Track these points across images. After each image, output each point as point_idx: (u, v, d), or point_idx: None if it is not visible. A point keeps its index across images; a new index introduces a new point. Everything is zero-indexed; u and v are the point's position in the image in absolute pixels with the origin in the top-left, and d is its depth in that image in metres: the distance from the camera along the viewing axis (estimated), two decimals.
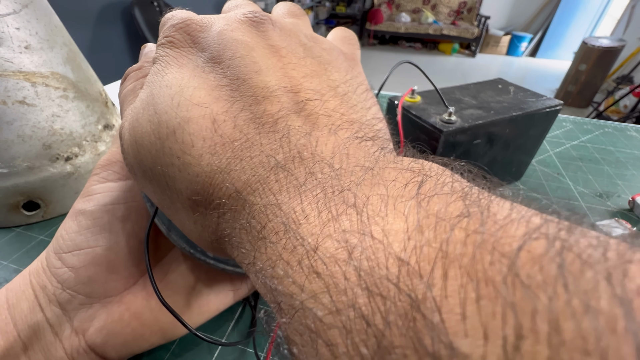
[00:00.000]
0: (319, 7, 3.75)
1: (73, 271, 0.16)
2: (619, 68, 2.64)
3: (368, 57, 3.58)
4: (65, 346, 0.16)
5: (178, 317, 0.15)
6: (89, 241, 0.16)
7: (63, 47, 0.29)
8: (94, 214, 0.17)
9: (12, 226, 0.30)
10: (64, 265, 0.16)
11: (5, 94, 0.25)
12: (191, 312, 0.19)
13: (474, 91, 0.33)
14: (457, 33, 3.48)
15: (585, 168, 0.41)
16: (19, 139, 0.26)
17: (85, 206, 0.17)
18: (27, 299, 0.16)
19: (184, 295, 0.19)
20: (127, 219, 0.17)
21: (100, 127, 0.32)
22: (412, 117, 0.29)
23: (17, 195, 0.28)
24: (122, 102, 0.15)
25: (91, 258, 0.16)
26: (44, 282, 0.16)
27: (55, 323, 0.16)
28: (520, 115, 0.29)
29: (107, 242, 0.16)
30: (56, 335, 0.16)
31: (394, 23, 3.66)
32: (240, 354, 0.21)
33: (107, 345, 0.16)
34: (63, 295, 0.16)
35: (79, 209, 0.17)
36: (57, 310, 0.16)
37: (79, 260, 0.16)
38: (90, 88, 0.31)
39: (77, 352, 0.16)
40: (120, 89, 0.15)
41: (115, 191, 0.17)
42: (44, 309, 0.16)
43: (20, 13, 0.26)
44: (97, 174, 0.18)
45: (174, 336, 0.18)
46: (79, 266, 0.16)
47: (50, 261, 0.16)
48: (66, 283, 0.16)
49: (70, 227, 0.16)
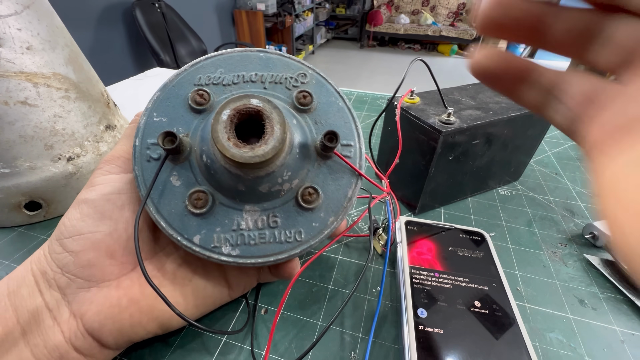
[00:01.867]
0: (319, 8, 3.76)
1: (73, 255, 0.17)
2: None
3: (368, 58, 3.59)
4: (64, 330, 0.16)
5: (162, 296, 0.16)
6: (90, 227, 0.17)
7: (65, 48, 0.29)
8: (95, 202, 0.18)
9: (14, 226, 0.30)
10: (65, 250, 0.17)
11: (7, 95, 0.25)
12: (187, 304, 0.19)
13: (472, 92, 0.34)
14: (456, 34, 3.49)
15: (584, 168, 0.41)
16: (20, 139, 0.27)
17: (87, 195, 0.18)
18: (28, 285, 0.17)
19: (180, 287, 0.19)
20: (126, 208, 0.18)
21: (102, 128, 0.32)
22: (411, 117, 0.29)
23: (19, 195, 0.28)
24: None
25: (91, 243, 0.17)
26: (44, 267, 0.17)
27: (54, 307, 0.16)
28: (518, 115, 0.30)
29: (106, 228, 0.17)
30: (55, 320, 0.16)
31: (394, 24, 3.67)
32: (238, 352, 0.21)
33: (103, 330, 0.17)
34: (62, 279, 0.17)
35: (82, 198, 0.18)
36: (57, 295, 0.17)
37: (79, 245, 0.17)
38: (91, 89, 0.31)
39: (75, 336, 0.16)
40: None
41: (116, 182, 0.18)
42: (43, 294, 0.16)
43: (21, 14, 0.26)
44: (100, 168, 0.19)
45: (170, 326, 0.19)
46: (79, 250, 0.17)
47: (51, 247, 0.17)
48: (66, 267, 0.17)
49: (72, 215, 0.17)
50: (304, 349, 0.21)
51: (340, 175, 0.20)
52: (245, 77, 0.20)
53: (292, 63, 0.21)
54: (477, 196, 0.35)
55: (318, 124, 0.20)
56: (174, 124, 0.19)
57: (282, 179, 0.18)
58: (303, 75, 0.21)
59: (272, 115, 0.16)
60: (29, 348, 0.16)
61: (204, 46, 2.10)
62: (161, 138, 0.16)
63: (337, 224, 0.19)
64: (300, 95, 0.20)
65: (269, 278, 0.23)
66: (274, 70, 0.20)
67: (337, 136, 0.17)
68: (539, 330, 0.22)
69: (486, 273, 0.23)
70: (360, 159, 0.20)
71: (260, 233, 0.18)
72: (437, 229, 0.27)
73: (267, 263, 0.19)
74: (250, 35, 2.77)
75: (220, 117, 0.16)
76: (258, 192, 0.18)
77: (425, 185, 0.30)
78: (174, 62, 1.88)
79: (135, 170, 0.18)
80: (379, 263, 0.27)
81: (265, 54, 0.21)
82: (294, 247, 0.19)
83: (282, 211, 0.19)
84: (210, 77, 0.20)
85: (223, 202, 0.18)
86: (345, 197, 0.19)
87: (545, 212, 0.33)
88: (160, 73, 0.69)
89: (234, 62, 0.20)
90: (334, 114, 0.20)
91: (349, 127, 0.20)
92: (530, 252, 0.29)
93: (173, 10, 1.96)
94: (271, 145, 0.16)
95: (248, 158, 0.16)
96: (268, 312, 0.23)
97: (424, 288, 0.22)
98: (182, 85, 0.19)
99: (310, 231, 0.19)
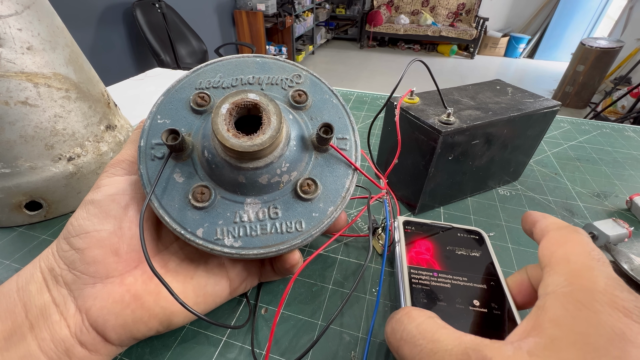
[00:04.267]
0: (319, 9, 3.76)
1: (79, 252, 0.17)
2: (616, 69, 2.65)
3: (367, 58, 3.59)
4: (70, 324, 0.17)
5: (168, 288, 0.16)
6: (95, 225, 0.18)
7: (65, 48, 0.29)
8: (100, 202, 0.18)
9: (14, 226, 0.30)
10: (72, 248, 0.17)
11: (8, 95, 0.25)
12: (189, 301, 0.19)
13: (472, 92, 0.34)
14: (455, 35, 3.49)
15: (583, 168, 0.41)
16: (21, 139, 0.27)
17: (93, 196, 0.19)
18: (36, 281, 0.17)
19: (182, 283, 0.19)
20: (130, 207, 0.19)
21: (103, 128, 0.32)
22: (410, 118, 0.29)
23: (19, 195, 0.28)
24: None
25: (96, 240, 0.18)
26: (52, 264, 0.18)
27: (60, 302, 0.17)
28: (518, 116, 0.30)
29: (111, 227, 0.18)
30: (61, 315, 0.17)
31: (393, 25, 3.67)
32: (238, 352, 0.21)
33: (107, 325, 0.17)
34: (69, 275, 0.17)
35: (89, 199, 0.19)
36: (64, 291, 0.17)
37: (85, 242, 0.17)
38: (92, 89, 0.32)
39: (80, 330, 0.17)
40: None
41: (120, 183, 0.19)
42: (51, 290, 0.17)
43: (22, 14, 0.26)
44: (106, 171, 0.20)
45: (171, 323, 0.19)
46: (85, 247, 0.17)
47: (59, 245, 0.18)
48: (72, 264, 0.17)
49: (79, 215, 0.18)
50: (303, 348, 0.21)
51: (337, 167, 0.20)
52: (243, 80, 0.21)
53: (287, 66, 0.22)
54: (477, 196, 0.35)
55: (314, 120, 0.21)
56: (177, 124, 0.20)
57: (280, 170, 0.19)
58: (298, 76, 0.22)
59: (269, 107, 0.17)
60: (36, 342, 0.16)
61: (204, 46, 2.10)
62: (165, 135, 0.17)
63: (336, 214, 0.20)
64: (296, 93, 0.21)
65: (271, 276, 0.23)
66: (270, 72, 0.21)
67: (331, 128, 0.18)
68: None
69: (485, 272, 0.23)
70: (357, 152, 0.21)
71: (262, 224, 0.19)
72: (436, 228, 0.27)
73: (270, 254, 0.19)
74: (250, 36, 2.77)
75: (219, 110, 0.17)
76: (258, 184, 0.19)
77: (425, 185, 0.30)
78: (174, 62, 1.88)
79: (141, 169, 0.19)
80: (379, 263, 0.27)
81: (261, 59, 0.22)
82: (295, 237, 0.19)
83: (282, 203, 0.19)
84: (210, 81, 0.21)
85: (225, 196, 0.19)
86: (343, 188, 0.20)
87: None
88: (161, 73, 0.69)
89: (232, 67, 0.21)
90: (329, 110, 0.21)
91: (344, 122, 0.21)
92: (530, 252, 0.29)
93: (173, 10, 1.96)
94: (268, 134, 0.17)
95: (247, 147, 0.16)
96: (268, 312, 0.23)
97: (423, 288, 0.22)
98: (184, 90, 0.20)
99: (310, 221, 0.19)
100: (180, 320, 0.19)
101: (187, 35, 2.02)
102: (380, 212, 0.33)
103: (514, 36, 3.67)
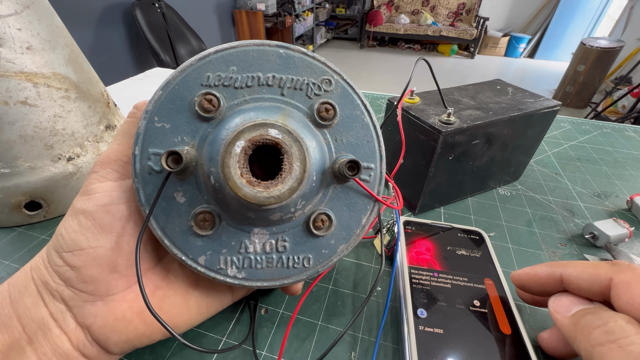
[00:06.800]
0: (319, 8, 3.76)
1: (75, 270, 0.16)
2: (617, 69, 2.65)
3: (368, 58, 3.59)
4: (72, 339, 0.16)
5: (165, 326, 0.15)
6: (90, 241, 0.16)
7: (65, 48, 0.29)
8: (94, 214, 0.16)
9: (14, 226, 0.30)
10: (65, 264, 0.16)
11: (7, 95, 0.25)
12: (190, 312, 0.19)
13: (472, 92, 0.34)
14: (455, 34, 3.49)
15: (584, 168, 0.41)
16: (20, 139, 0.27)
17: (85, 205, 0.17)
18: (30, 294, 0.16)
19: (184, 294, 0.19)
20: (128, 219, 0.17)
21: (102, 128, 0.32)
22: (411, 117, 0.29)
23: (19, 195, 0.28)
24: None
25: (92, 258, 0.16)
26: (45, 278, 0.16)
27: (59, 317, 0.16)
28: (518, 115, 0.30)
29: (108, 243, 0.16)
30: (61, 329, 0.16)
31: (393, 24, 3.67)
32: (240, 352, 0.21)
33: (109, 341, 0.17)
34: (66, 292, 0.16)
35: (80, 208, 0.17)
36: (61, 306, 0.16)
37: (80, 260, 0.16)
38: (92, 89, 0.32)
39: (83, 345, 0.16)
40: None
41: (115, 191, 0.17)
42: (47, 305, 0.16)
43: (21, 14, 0.26)
44: (96, 172, 0.18)
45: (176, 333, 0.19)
46: (81, 265, 0.16)
47: (51, 259, 0.16)
48: (68, 281, 0.16)
49: (70, 226, 0.16)
50: (304, 349, 0.21)
51: (356, 201, 0.18)
52: (261, 80, 0.17)
53: (316, 65, 0.18)
54: (477, 196, 0.35)
55: (338, 142, 0.18)
56: (178, 131, 0.16)
57: (295, 208, 0.17)
58: (327, 82, 0.18)
59: (292, 149, 0.15)
60: (37, 356, 0.15)
61: (204, 46, 2.10)
62: (164, 157, 0.14)
63: (346, 252, 0.18)
64: (322, 107, 0.17)
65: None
66: (294, 72, 0.17)
67: (359, 166, 0.16)
68: (539, 329, 0.22)
69: (485, 272, 0.23)
70: (380, 184, 0.18)
71: (268, 257, 0.18)
72: (436, 228, 0.27)
73: (273, 287, 0.18)
74: (250, 36, 2.77)
75: (233, 149, 0.14)
76: (269, 220, 0.17)
77: (425, 185, 0.30)
78: (174, 62, 1.88)
79: (136, 183, 0.16)
80: (379, 263, 0.27)
81: (285, 51, 0.17)
82: (300, 273, 0.18)
83: (291, 235, 0.18)
84: (221, 76, 0.17)
85: (230, 224, 0.17)
86: (359, 225, 0.18)
87: (545, 212, 0.33)
88: (160, 73, 0.69)
89: (248, 59, 0.17)
90: (357, 131, 0.18)
91: (372, 148, 0.18)
92: (530, 252, 0.29)
93: (173, 10, 1.96)
94: (288, 185, 0.15)
95: (262, 199, 0.15)
96: (268, 312, 0.23)
97: (424, 288, 0.22)
98: (188, 85, 0.16)
99: (319, 258, 0.18)
100: (183, 330, 0.19)
101: (187, 35, 2.02)
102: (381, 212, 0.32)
103: (515, 36, 3.66)
